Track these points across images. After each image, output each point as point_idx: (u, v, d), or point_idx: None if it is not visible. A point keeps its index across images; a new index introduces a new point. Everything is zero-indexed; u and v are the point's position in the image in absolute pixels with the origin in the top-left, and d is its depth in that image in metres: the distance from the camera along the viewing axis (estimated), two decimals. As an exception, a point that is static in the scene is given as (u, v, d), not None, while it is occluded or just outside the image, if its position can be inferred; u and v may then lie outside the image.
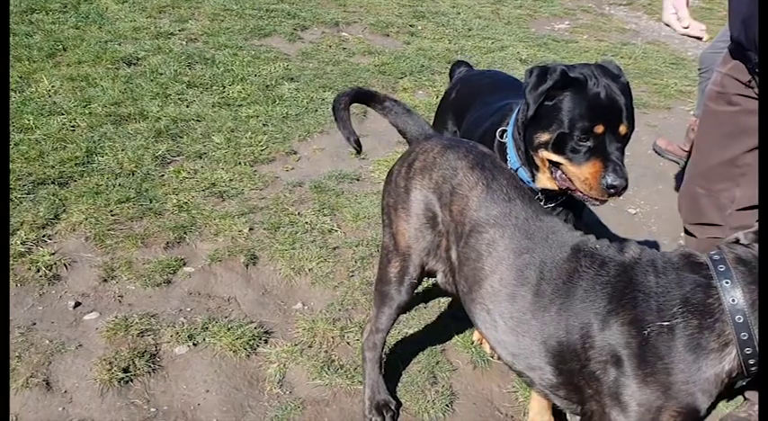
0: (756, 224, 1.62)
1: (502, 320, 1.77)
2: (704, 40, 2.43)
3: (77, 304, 2.68)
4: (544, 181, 2.19)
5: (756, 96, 2.19)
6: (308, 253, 3.14)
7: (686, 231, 2.58)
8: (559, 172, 2.08)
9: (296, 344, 2.62)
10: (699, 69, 4.46)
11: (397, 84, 5.35)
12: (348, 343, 2.65)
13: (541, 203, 2.12)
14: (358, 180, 3.90)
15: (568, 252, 1.73)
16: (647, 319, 1.56)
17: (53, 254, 2.92)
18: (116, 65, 4.90)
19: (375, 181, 3.92)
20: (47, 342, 2.47)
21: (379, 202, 3.60)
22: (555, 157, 2.06)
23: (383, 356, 2.41)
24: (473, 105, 2.66)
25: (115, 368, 2.37)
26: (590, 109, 1.98)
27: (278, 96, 4.74)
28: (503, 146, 2.30)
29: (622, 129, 2.01)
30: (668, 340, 1.54)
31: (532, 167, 2.20)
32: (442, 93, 5.32)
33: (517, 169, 2.22)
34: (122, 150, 3.77)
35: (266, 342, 2.62)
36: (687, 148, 4.38)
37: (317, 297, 2.92)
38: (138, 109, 4.28)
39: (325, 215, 3.47)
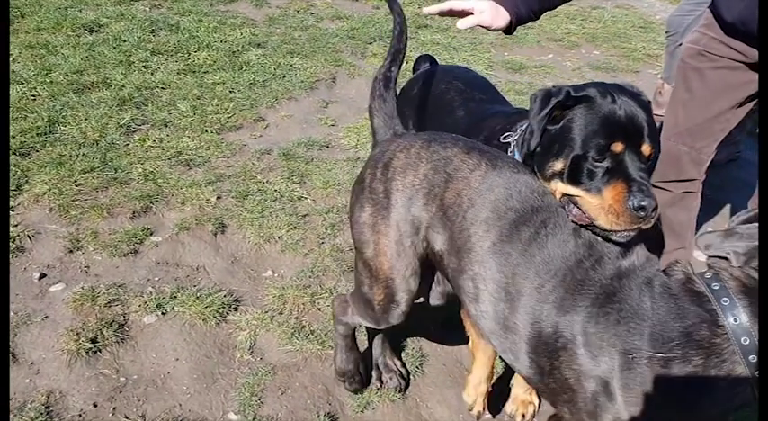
0: (739, 238, 1.47)
1: (483, 284, 1.60)
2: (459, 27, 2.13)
3: (42, 276, 2.64)
4: None
5: (739, 60, 2.22)
6: (278, 220, 3.12)
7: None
8: (575, 209, 1.70)
9: (266, 312, 2.62)
10: (666, 32, 4.48)
11: (367, 49, 5.30)
12: (319, 309, 2.66)
13: None
14: (327, 147, 3.87)
15: (570, 230, 1.58)
16: (634, 344, 1.40)
17: (16, 225, 2.86)
18: (77, 32, 4.77)
19: (345, 147, 3.89)
20: (12, 314, 2.44)
21: (349, 170, 3.61)
22: (572, 190, 1.72)
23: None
24: (439, 111, 2.38)
25: (83, 338, 2.35)
26: (605, 125, 1.68)
27: (245, 63, 4.66)
28: None
29: (646, 148, 1.69)
30: (663, 373, 1.37)
31: None
32: (412, 59, 5.30)
33: None
34: (86, 119, 3.69)
35: (236, 310, 2.62)
36: (656, 111, 4.41)
37: (287, 264, 2.92)
38: (101, 77, 4.18)
39: (294, 182, 3.45)
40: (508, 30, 2.14)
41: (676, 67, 2.44)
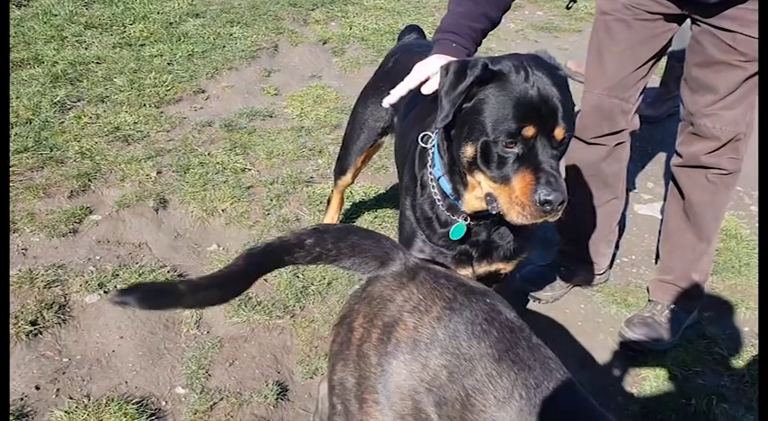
0: None
1: None
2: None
3: (-23, 260, 2.58)
4: (472, 201, 1.77)
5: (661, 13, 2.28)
6: (221, 193, 3.08)
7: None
8: (493, 200, 1.67)
9: (212, 285, 2.59)
10: (605, -10, 4.50)
11: (309, 16, 5.21)
12: (265, 280, 2.65)
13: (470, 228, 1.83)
14: (271, 116, 3.82)
15: None
16: None
17: (-53, 210, 2.78)
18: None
19: (288, 117, 3.85)
20: (-54, 301, 2.38)
21: (294, 140, 3.58)
22: (489, 182, 1.65)
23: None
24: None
25: (22, 322, 2.30)
26: (517, 108, 1.59)
27: (182, 34, 4.54)
28: (425, 151, 1.90)
29: (558, 132, 1.60)
30: None
31: (457, 183, 1.79)
32: (356, 24, 5.24)
33: (439, 178, 1.84)
34: (17, 98, 3.57)
35: (181, 284, 2.59)
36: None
37: (232, 237, 2.89)
38: (31, 53, 4.03)
39: (237, 154, 3.40)
40: None
41: (595, 20, 2.46)
